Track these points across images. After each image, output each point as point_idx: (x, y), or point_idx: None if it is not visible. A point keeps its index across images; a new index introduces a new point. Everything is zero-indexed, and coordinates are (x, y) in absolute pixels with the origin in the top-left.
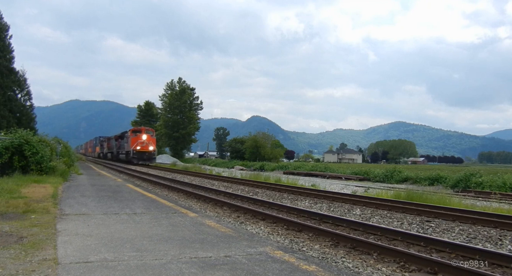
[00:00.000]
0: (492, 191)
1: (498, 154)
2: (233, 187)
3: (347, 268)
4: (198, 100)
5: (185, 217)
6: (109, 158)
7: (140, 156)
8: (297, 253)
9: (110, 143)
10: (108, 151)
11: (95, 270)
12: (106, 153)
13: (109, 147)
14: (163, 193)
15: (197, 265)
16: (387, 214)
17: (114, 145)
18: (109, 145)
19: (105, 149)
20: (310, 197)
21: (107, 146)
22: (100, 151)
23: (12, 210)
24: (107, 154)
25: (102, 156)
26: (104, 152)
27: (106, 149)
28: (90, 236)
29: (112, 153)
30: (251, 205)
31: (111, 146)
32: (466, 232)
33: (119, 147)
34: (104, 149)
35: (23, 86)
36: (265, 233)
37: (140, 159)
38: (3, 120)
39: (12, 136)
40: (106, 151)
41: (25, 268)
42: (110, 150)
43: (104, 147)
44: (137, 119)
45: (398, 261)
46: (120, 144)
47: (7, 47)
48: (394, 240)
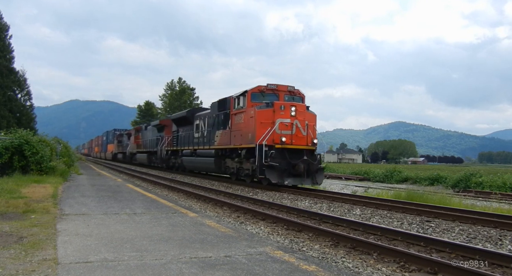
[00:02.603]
0: (492, 191)
1: (498, 154)
2: (233, 187)
3: (347, 268)
4: (198, 100)
5: (185, 217)
6: (144, 162)
7: (287, 163)
8: (297, 253)
9: (144, 136)
10: (141, 150)
11: (95, 270)
12: (133, 154)
13: (140, 143)
14: (163, 193)
15: (197, 265)
16: (387, 214)
17: (152, 139)
18: (139, 140)
19: (131, 147)
20: (310, 197)
21: (135, 142)
22: (118, 150)
23: (12, 210)
24: (134, 155)
25: (123, 157)
26: (129, 151)
27: (132, 147)
28: (90, 236)
29: (151, 153)
30: (251, 205)
31: (146, 143)
32: (466, 232)
33: (176, 141)
34: (129, 147)
35: (23, 86)
36: (265, 233)
37: (288, 174)
38: (3, 120)
39: (12, 136)
40: (133, 150)
41: (25, 268)
42: (144, 148)
43: (124, 143)
44: (137, 119)
45: (398, 261)
46: (180, 136)
47: (7, 47)
48: (394, 240)
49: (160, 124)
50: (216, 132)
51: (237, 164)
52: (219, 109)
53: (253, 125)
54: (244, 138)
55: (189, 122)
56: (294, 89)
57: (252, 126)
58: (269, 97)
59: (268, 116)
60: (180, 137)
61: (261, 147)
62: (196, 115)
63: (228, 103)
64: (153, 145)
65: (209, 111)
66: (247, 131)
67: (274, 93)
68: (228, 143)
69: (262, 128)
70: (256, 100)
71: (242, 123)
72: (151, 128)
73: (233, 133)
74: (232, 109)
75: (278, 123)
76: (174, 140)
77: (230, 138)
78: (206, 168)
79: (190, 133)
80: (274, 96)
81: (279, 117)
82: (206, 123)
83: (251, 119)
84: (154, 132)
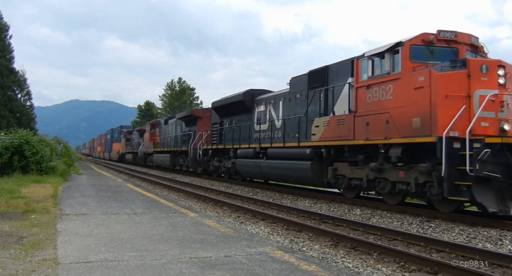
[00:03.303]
0: None
1: None
2: (233, 187)
3: (347, 268)
4: (198, 100)
5: (185, 217)
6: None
7: None
8: (297, 253)
9: (163, 132)
10: (160, 150)
11: (95, 270)
12: (148, 154)
13: (158, 142)
14: (163, 193)
15: (197, 265)
16: (387, 214)
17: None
18: (157, 138)
19: (145, 145)
20: (310, 197)
21: (151, 139)
22: (127, 149)
23: (12, 210)
24: (150, 156)
25: (134, 158)
26: (142, 151)
27: (147, 145)
28: (90, 236)
29: (176, 154)
30: (251, 205)
31: (167, 140)
32: (466, 232)
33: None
34: (142, 146)
35: (23, 86)
36: (265, 233)
37: None
38: (3, 120)
39: (12, 136)
40: (149, 150)
41: (25, 268)
42: (165, 147)
43: (134, 142)
44: (137, 119)
45: (398, 261)
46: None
47: (7, 47)
48: (394, 240)
49: (191, 115)
50: (314, 119)
51: (369, 173)
52: (312, 84)
53: (426, 101)
54: (399, 127)
55: (245, 108)
56: (478, 42)
57: (425, 103)
58: (440, 54)
59: (459, 84)
60: (227, 131)
61: (449, 142)
62: (258, 99)
63: (339, 72)
64: (178, 143)
65: (286, 90)
66: (406, 114)
67: (450, 47)
68: (347, 136)
69: (449, 106)
70: (417, 59)
71: (389, 101)
72: (175, 122)
73: (361, 119)
74: (358, 80)
75: (477, 97)
76: (215, 135)
77: (349, 128)
78: (290, 176)
79: (248, 125)
80: (449, 52)
81: (479, 87)
82: (282, 108)
83: (421, 90)
84: (180, 126)
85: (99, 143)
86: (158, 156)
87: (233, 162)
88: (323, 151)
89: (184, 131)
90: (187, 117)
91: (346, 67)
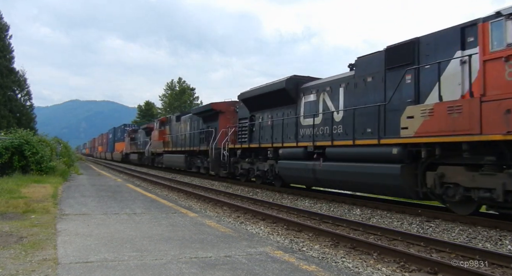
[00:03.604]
0: None
1: None
2: (233, 187)
3: (347, 268)
4: (198, 100)
5: (185, 217)
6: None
7: None
8: (297, 253)
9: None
10: (171, 150)
11: (95, 270)
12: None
13: (168, 141)
14: (163, 193)
15: (197, 265)
16: (387, 214)
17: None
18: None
19: (153, 145)
20: (310, 197)
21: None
22: (131, 149)
23: (12, 210)
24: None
25: (139, 159)
26: (150, 151)
27: (156, 145)
28: (90, 236)
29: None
30: (251, 205)
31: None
32: (466, 232)
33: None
34: (150, 146)
35: (23, 86)
36: (265, 233)
37: None
38: (3, 120)
39: (12, 136)
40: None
41: (25, 268)
42: (177, 146)
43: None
44: (137, 119)
45: (398, 261)
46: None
47: (7, 47)
48: (394, 240)
49: (212, 109)
50: (402, 108)
51: (508, 182)
52: (392, 64)
53: None
54: None
55: (288, 99)
56: None
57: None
58: None
59: None
60: (263, 126)
61: None
62: (304, 86)
63: (438, 44)
64: (195, 142)
65: (348, 74)
66: None
67: None
68: (469, 130)
69: None
70: None
71: None
72: (189, 118)
73: (494, 105)
74: (487, 50)
75: None
76: (244, 132)
77: (472, 118)
78: (363, 184)
79: (294, 119)
80: None
81: None
82: (343, 97)
83: None
84: (197, 123)
85: (101, 142)
86: (169, 156)
87: (271, 164)
88: (421, 150)
89: (202, 128)
90: (206, 112)
91: (451, 36)
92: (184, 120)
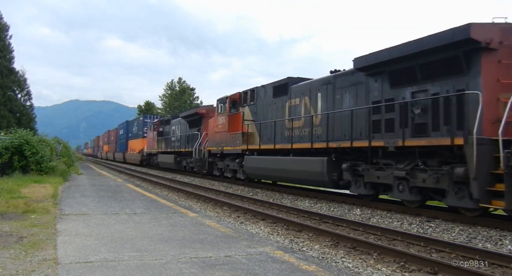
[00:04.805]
0: None
1: None
2: (233, 187)
3: (347, 268)
4: (198, 100)
5: (185, 217)
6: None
7: None
8: (297, 253)
9: (263, 110)
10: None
11: (95, 270)
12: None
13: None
14: (163, 193)
15: (197, 265)
16: (387, 214)
17: None
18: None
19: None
20: (310, 197)
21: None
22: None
23: (12, 210)
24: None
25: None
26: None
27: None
28: (90, 236)
29: None
30: (251, 205)
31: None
32: (466, 232)
33: None
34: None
35: (23, 86)
36: (265, 233)
37: None
38: (3, 120)
39: (12, 136)
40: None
41: (25, 268)
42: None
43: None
44: None
45: (398, 261)
46: None
47: (7, 47)
48: (394, 240)
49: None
50: None
51: None
52: None
53: None
54: None
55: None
56: None
57: None
58: None
59: None
60: None
61: None
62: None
63: None
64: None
65: None
66: None
67: None
68: None
69: None
70: None
71: None
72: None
73: None
74: None
75: None
76: None
77: None
78: None
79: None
80: None
81: None
82: None
83: None
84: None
85: (107, 141)
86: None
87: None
88: None
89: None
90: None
91: None
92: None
